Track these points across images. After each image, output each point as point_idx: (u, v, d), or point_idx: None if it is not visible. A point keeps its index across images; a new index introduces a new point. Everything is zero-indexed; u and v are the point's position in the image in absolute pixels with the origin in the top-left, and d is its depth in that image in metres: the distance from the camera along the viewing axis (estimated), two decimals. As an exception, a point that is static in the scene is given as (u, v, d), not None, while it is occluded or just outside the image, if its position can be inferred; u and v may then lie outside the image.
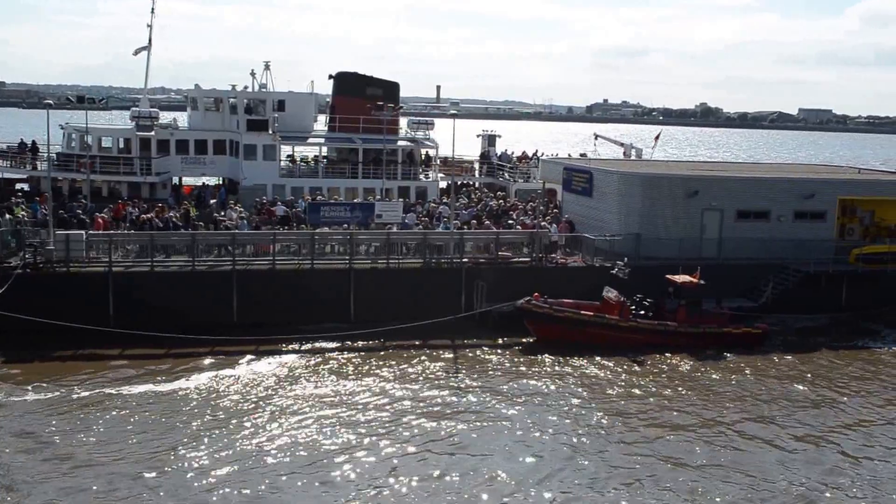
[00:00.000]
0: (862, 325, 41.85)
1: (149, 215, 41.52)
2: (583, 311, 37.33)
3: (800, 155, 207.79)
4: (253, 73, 57.25)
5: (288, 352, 34.84)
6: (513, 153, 66.49)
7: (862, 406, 31.52)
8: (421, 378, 32.48)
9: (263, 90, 57.07)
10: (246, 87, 56.69)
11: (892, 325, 41.89)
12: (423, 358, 34.78)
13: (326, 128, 59.02)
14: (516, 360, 35.24)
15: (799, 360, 36.45)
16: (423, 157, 59.11)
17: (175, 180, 55.48)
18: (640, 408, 30.37)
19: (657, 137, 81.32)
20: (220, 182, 56.31)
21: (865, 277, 43.44)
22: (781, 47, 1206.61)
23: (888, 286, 43.61)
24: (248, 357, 33.96)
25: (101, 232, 38.76)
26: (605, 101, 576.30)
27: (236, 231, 40.28)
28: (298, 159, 57.75)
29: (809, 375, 34.60)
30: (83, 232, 37.99)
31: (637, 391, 32.12)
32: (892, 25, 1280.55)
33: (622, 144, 75.17)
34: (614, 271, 38.61)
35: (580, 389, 32.02)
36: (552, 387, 32.13)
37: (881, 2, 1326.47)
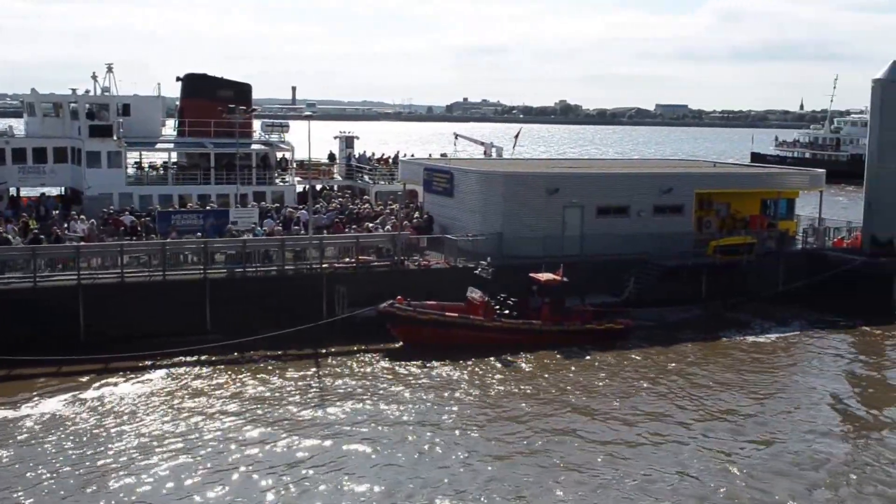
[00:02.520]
0: (727, 316, 42.48)
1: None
2: (447, 313, 36.66)
3: (657, 150, 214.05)
4: (94, 76, 54.45)
5: (140, 369, 32.85)
6: (373, 154, 65.59)
7: (719, 398, 31.65)
8: (281, 390, 31.14)
9: (106, 94, 54.33)
10: (87, 91, 53.84)
11: (757, 314, 42.75)
12: (283, 368, 33.45)
13: (175, 132, 56.79)
14: (380, 365, 34.30)
15: (661, 353, 36.65)
16: (278, 160, 57.52)
17: (13, 191, 52.25)
18: (504, 408, 29.82)
19: (517, 136, 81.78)
20: (62, 192, 53.43)
21: (723, 268, 44.17)
22: (639, 44, 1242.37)
23: (745, 276, 44.41)
24: (97, 377, 31.84)
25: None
26: (466, 99, 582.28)
27: (81, 244, 37.95)
28: (146, 166, 55.35)
29: (672, 367, 34.79)
30: None
31: (501, 390, 31.63)
32: (745, 22, 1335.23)
33: (483, 143, 75.19)
34: (478, 271, 38.06)
35: (443, 392, 31.29)
36: (416, 391, 31.30)
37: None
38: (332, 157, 63.51)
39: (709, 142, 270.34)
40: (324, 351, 35.57)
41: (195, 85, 56.54)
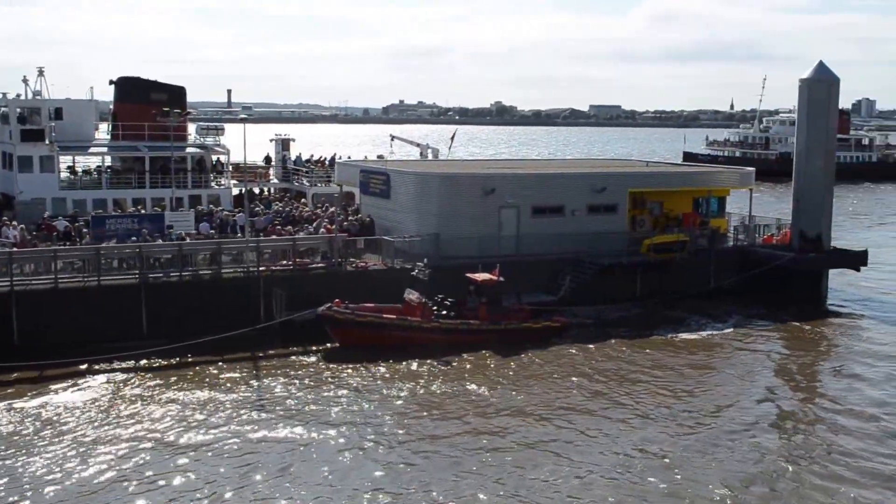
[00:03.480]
0: (663, 313, 43.19)
1: None
2: (385, 315, 36.76)
3: (592, 150, 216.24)
4: (25, 80, 53.60)
5: (75, 375, 32.38)
6: (311, 156, 65.47)
7: (655, 394, 32.20)
8: (219, 395, 30.93)
9: (38, 98, 53.56)
10: (18, 95, 53.02)
11: (692, 311, 43.52)
12: (221, 373, 33.27)
13: (109, 136, 56.07)
14: (319, 368, 34.26)
15: (597, 350, 37.12)
16: (213, 163, 57.14)
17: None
18: (441, 408, 30.02)
19: (452, 137, 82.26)
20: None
21: (657, 266, 44.94)
22: (574, 45, 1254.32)
23: (678, 273, 45.24)
24: (32, 385, 31.37)
25: None
26: (402, 101, 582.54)
27: (14, 250, 37.31)
28: (80, 170, 54.57)
29: (608, 364, 35.26)
30: None
31: (438, 391, 31.79)
32: (677, 23, 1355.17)
33: (419, 145, 75.45)
34: (415, 273, 38.24)
35: (381, 393, 31.41)
36: (355, 393, 31.35)
37: (667, 1, 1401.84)
38: (268, 159, 63.29)
39: (642, 142, 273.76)
40: (262, 354, 35.40)
41: (129, 88, 55.91)
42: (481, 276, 38.45)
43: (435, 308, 37.68)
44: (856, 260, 49.15)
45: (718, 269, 46.82)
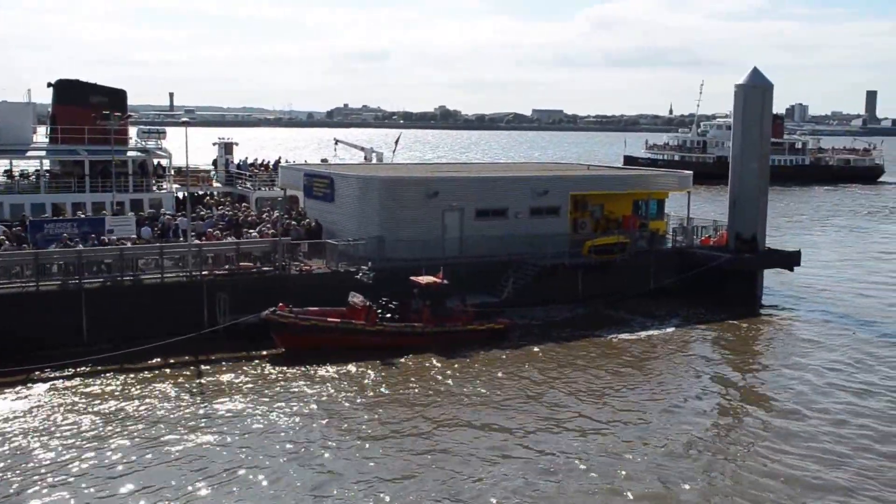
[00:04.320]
0: (606, 314, 43.86)
1: None
2: (329, 319, 36.84)
3: (534, 154, 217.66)
4: (-41, 83, 52.77)
5: (13, 384, 31.90)
6: (256, 160, 65.28)
7: (596, 394, 32.71)
8: (162, 401, 30.79)
9: (-27, 100, 52.77)
10: (-48, 98, 52.20)
11: (634, 311, 44.28)
12: (164, 379, 33.07)
13: (48, 139, 55.37)
14: (263, 372, 34.23)
15: (540, 351, 37.56)
16: (155, 167, 56.74)
17: None
18: (384, 410, 30.20)
19: (397, 141, 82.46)
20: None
21: (598, 267, 45.61)
22: (517, 50, 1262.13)
23: (618, 274, 45.96)
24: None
25: None
26: (346, 105, 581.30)
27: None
28: (17, 174, 53.81)
29: (550, 364, 35.66)
30: None
31: (382, 393, 31.95)
32: (618, 29, 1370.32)
33: (363, 149, 75.54)
34: (359, 276, 38.40)
35: (325, 397, 31.50)
36: (299, 397, 31.40)
37: (609, 7, 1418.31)
38: (217, 163, 62.85)
39: (584, 145, 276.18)
40: (206, 359, 35.25)
41: (68, 91, 55.32)
42: (425, 279, 38.73)
43: (379, 311, 37.84)
44: (789, 260, 50.33)
45: (658, 270, 47.69)
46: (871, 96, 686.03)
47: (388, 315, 38.02)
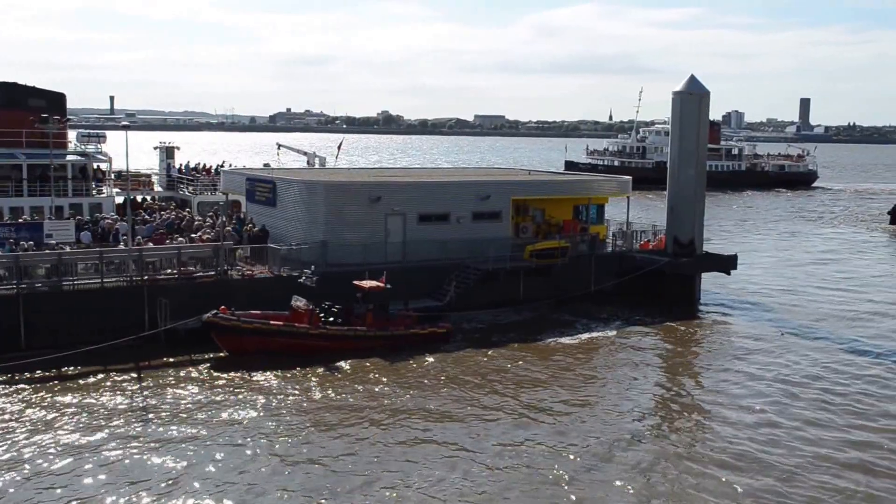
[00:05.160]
0: (551, 317, 44.35)
1: None
2: (272, 322, 36.84)
3: (476, 159, 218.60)
4: None
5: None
6: (199, 164, 64.86)
7: (536, 396, 33.06)
8: (103, 406, 30.55)
9: None
10: None
11: (578, 314, 44.89)
12: (104, 384, 32.77)
13: (-16, 143, 54.49)
14: (204, 377, 34.11)
15: (482, 354, 37.87)
16: (94, 171, 56.15)
17: None
18: (324, 414, 30.30)
19: (339, 146, 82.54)
20: None
21: (539, 271, 46.16)
22: (459, 56, 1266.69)
23: (559, 278, 46.56)
24: None
25: None
26: (289, 110, 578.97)
27: None
28: (-48, 178, 52.88)
29: (490, 367, 36.03)
30: None
31: (323, 397, 32.04)
32: (560, 36, 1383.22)
33: (306, 153, 75.46)
34: (302, 280, 38.44)
35: (266, 400, 31.49)
36: (240, 401, 31.36)
37: (550, 15, 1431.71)
38: (170, 167, 62.14)
39: (525, 151, 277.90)
40: (147, 364, 35.00)
41: (4, 94, 54.42)
42: (368, 283, 38.89)
43: (322, 315, 37.93)
44: (726, 264, 51.41)
45: (598, 273, 48.39)
46: (805, 104, 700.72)
47: (332, 319, 38.13)
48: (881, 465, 27.36)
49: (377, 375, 34.78)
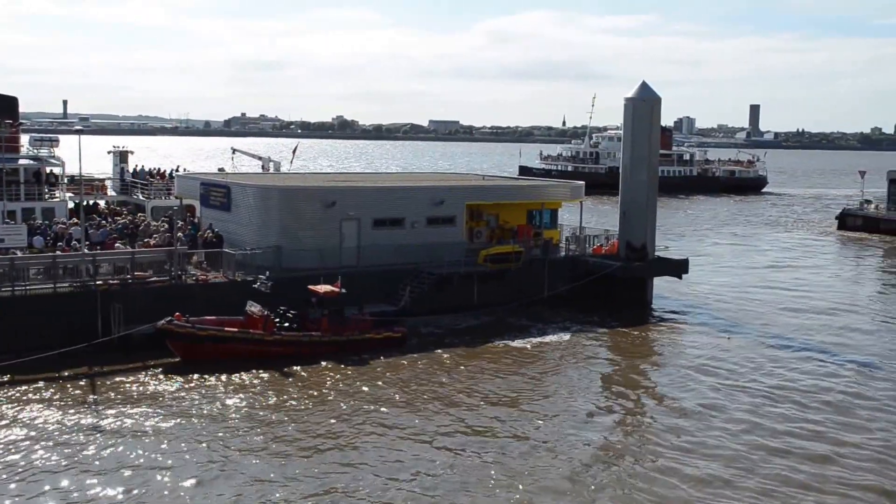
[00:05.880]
0: (502, 321, 44.67)
1: None
2: (226, 328, 36.79)
3: (430, 164, 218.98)
4: None
5: None
6: (155, 168, 64.51)
7: (485, 401, 33.36)
8: (55, 413, 30.33)
9: None
10: None
11: (529, 319, 45.27)
12: (56, 391, 32.52)
13: (-66, 147, 53.69)
14: (159, 383, 33.97)
15: (436, 359, 38.13)
16: (48, 175, 55.59)
17: None
18: (280, 419, 30.38)
19: (294, 150, 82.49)
20: None
21: (493, 276, 46.53)
22: (415, 61, 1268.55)
23: (513, 283, 46.97)
24: None
25: None
26: (244, 114, 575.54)
27: None
28: None
29: (444, 372, 36.27)
30: None
31: (278, 402, 32.08)
32: (513, 43, 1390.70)
33: (260, 158, 75.30)
34: (256, 285, 38.41)
35: (221, 406, 31.48)
36: (195, 407, 31.31)
37: (504, 21, 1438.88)
38: (124, 172, 61.67)
39: (480, 156, 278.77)
40: (100, 371, 34.77)
41: (-45, 98, 53.81)
42: (323, 288, 38.98)
43: (277, 320, 37.95)
44: (678, 268, 52.16)
45: (552, 278, 48.84)
46: (755, 110, 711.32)
47: (287, 324, 38.16)
48: (821, 452, 28.68)
49: (331, 380, 34.89)
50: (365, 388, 33.94)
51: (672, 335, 44.33)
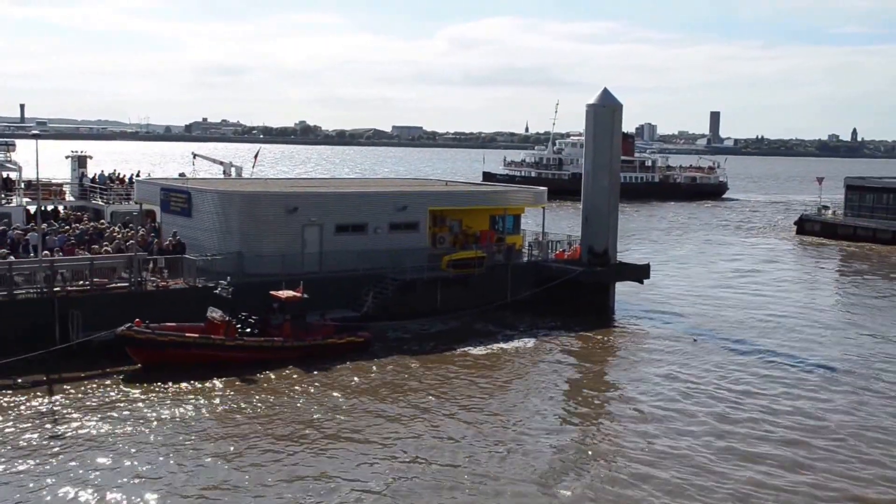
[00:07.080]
0: (465, 327, 44.63)
1: None
2: (187, 334, 36.44)
3: (392, 169, 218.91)
4: None
5: None
6: (114, 172, 63.83)
7: (449, 405, 33.29)
8: (11, 422, 29.88)
9: None
10: None
11: (492, 324, 45.31)
12: (12, 399, 32.01)
13: None
14: (119, 390, 33.52)
15: (399, 364, 37.97)
16: (4, 180, 54.86)
17: None
18: (241, 425, 30.12)
19: (256, 156, 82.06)
20: None
21: (456, 281, 46.53)
22: (377, 67, 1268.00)
23: (476, 288, 47.00)
24: None
25: None
26: (205, 119, 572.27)
27: None
28: None
29: (408, 376, 36.16)
30: None
31: (238, 408, 31.83)
32: (476, 49, 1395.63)
33: (222, 163, 74.70)
34: (217, 291, 38.10)
35: (182, 412, 31.19)
36: (155, 414, 30.95)
37: (467, 27, 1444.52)
38: (83, 176, 60.95)
39: (443, 161, 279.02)
40: (58, 378, 34.25)
41: None
42: (285, 294, 38.76)
43: (239, 326, 37.66)
44: (639, 273, 52.50)
45: (515, 283, 48.90)
46: (715, 117, 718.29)
47: (248, 330, 37.89)
48: (791, 458, 28.69)
49: (293, 386, 34.68)
50: (325, 394, 33.75)
51: (632, 340, 44.54)
